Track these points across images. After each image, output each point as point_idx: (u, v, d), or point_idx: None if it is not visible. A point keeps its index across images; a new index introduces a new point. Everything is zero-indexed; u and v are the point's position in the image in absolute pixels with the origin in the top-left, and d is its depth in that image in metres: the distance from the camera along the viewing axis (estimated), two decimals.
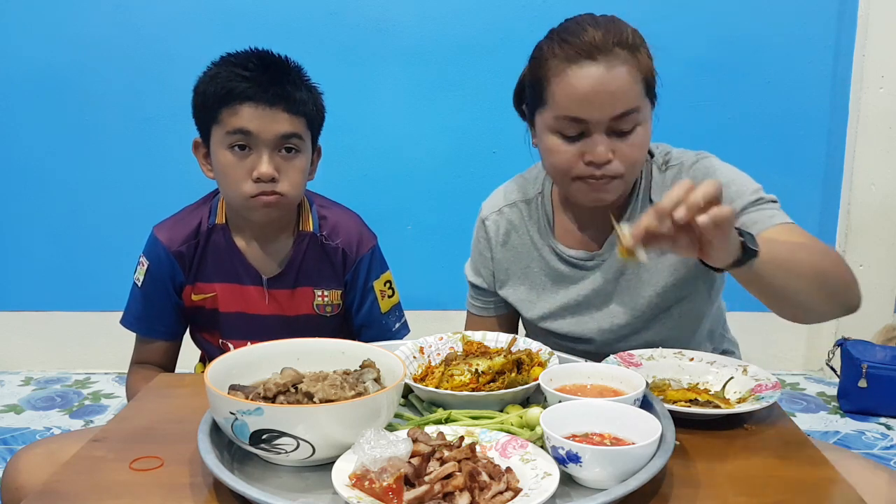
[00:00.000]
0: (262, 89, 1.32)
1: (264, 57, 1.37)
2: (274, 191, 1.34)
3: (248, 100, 1.32)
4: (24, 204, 2.71)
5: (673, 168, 1.30)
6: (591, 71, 1.15)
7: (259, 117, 1.32)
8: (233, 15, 2.56)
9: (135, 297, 1.49)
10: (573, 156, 1.19)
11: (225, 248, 1.45)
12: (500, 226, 1.40)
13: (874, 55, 2.54)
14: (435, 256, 2.71)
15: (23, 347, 2.83)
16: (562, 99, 1.17)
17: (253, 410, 0.84)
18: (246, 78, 1.32)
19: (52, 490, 0.89)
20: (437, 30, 2.59)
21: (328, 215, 1.51)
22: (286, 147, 1.35)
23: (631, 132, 1.18)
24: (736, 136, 2.62)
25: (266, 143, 1.33)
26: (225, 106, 1.33)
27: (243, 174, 1.33)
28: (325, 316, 1.50)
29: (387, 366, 1.00)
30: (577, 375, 1.06)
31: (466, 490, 0.79)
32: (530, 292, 1.39)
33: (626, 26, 1.19)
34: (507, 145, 2.65)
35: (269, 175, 1.32)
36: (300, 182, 1.39)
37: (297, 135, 1.36)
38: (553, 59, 1.18)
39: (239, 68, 1.34)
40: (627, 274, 1.32)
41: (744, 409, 1.04)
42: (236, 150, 1.34)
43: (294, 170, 1.36)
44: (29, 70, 2.62)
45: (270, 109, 1.32)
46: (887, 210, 2.63)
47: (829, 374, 2.62)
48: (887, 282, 2.68)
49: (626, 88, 1.16)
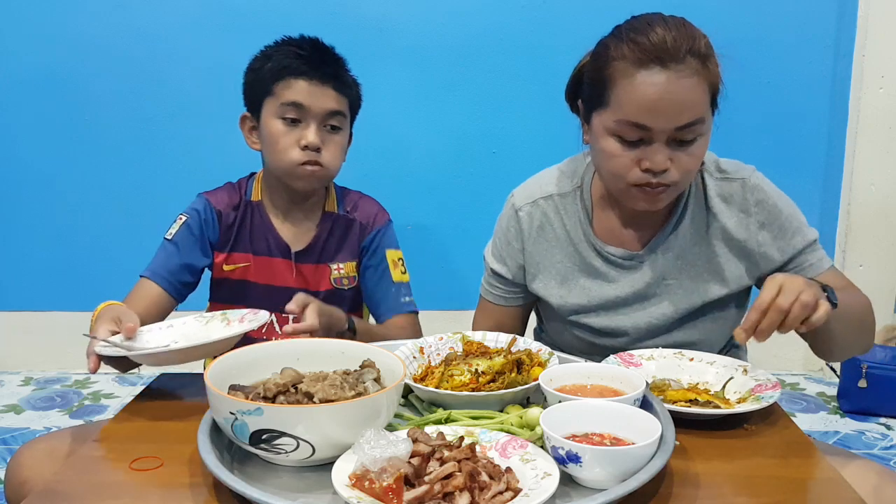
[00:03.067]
0: (315, 67, 1.46)
1: (316, 41, 1.52)
2: (317, 161, 1.47)
3: (303, 75, 1.45)
4: (23, 204, 2.71)
5: (734, 182, 1.28)
6: (661, 78, 1.11)
7: (311, 92, 1.46)
8: (233, 15, 2.56)
9: (159, 252, 1.53)
10: (630, 161, 1.17)
11: (259, 223, 1.56)
12: (534, 217, 1.36)
13: (874, 55, 2.54)
14: (435, 256, 2.71)
15: (23, 347, 2.83)
16: (627, 104, 1.14)
17: (253, 410, 0.84)
18: (301, 56, 1.46)
19: (52, 490, 0.89)
20: (437, 30, 2.59)
21: (349, 196, 1.65)
22: (331, 124, 1.49)
23: (692, 143, 1.16)
24: (736, 135, 2.61)
25: (315, 116, 1.46)
26: (280, 80, 1.46)
27: (292, 143, 1.46)
28: (343, 289, 1.60)
29: (387, 366, 1.00)
30: (577, 375, 1.06)
31: (466, 490, 0.79)
32: (561, 287, 1.36)
33: (698, 33, 1.16)
34: (507, 145, 2.66)
35: (316, 144, 1.46)
36: (339, 157, 1.53)
37: (341, 113, 1.50)
38: (621, 61, 1.14)
39: (295, 47, 1.48)
40: (669, 279, 1.31)
41: (744, 409, 1.04)
42: (287, 121, 1.46)
43: (335, 145, 1.50)
44: (28, 70, 2.62)
45: (321, 86, 1.46)
46: (887, 210, 2.63)
47: (829, 374, 2.62)
48: (887, 282, 2.68)
49: (694, 99, 1.13)
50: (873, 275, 2.64)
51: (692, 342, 1.32)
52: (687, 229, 1.30)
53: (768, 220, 1.26)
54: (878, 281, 2.65)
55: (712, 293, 1.30)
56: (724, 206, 1.28)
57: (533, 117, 2.63)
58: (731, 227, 1.28)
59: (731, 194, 1.28)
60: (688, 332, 1.33)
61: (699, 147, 1.17)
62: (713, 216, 1.29)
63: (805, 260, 1.27)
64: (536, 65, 2.59)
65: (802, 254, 1.27)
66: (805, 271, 1.26)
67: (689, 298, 1.31)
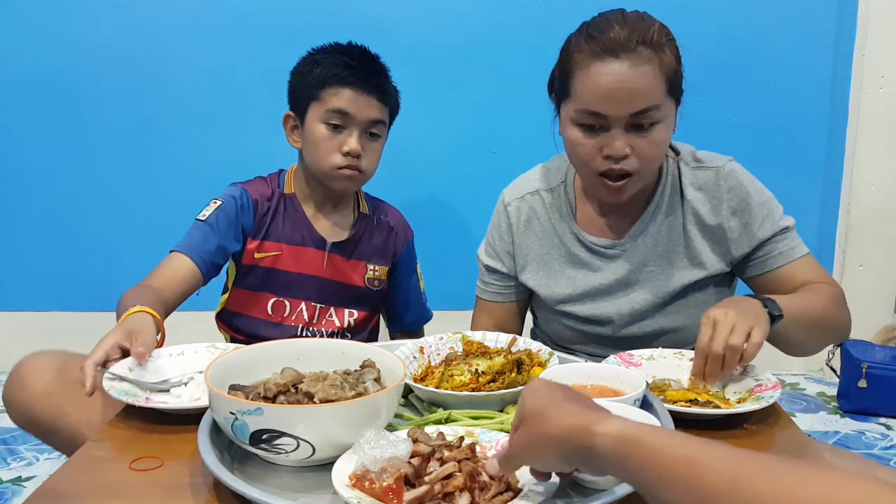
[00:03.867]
0: (362, 77, 1.53)
1: (364, 51, 1.59)
2: (357, 167, 1.54)
3: (350, 85, 1.52)
4: (23, 204, 2.71)
5: (708, 171, 1.34)
6: (614, 68, 1.19)
7: (356, 101, 1.52)
8: (233, 15, 2.56)
9: (192, 231, 1.54)
10: (593, 149, 1.23)
11: (293, 214, 1.63)
12: (521, 211, 1.43)
13: (874, 55, 2.54)
14: (435, 256, 2.70)
15: (23, 347, 2.82)
16: (584, 93, 1.21)
17: (253, 410, 0.84)
18: (350, 66, 1.53)
19: (52, 490, 0.89)
20: (437, 30, 2.59)
21: (377, 202, 1.75)
22: (372, 132, 1.56)
23: (650, 129, 1.22)
24: (736, 135, 2.62)
25: (358, 124, 1.53)
26: (327, 87, 1.52)
27: (334, 148, 1.53)
28: (373, 290, 1.69)
29: (387, 366, 1.01)
30: (577, 375, 1.06)
31: (466, 490, 0.79)
32: (549, 277, 1.42)
33: (653, 23, 1.22)
34: (507, 145, 2.65)
35: (357, 151, 1.53)
36: (376, 162, 1.61)
37: (382, 122, 1.58)
38: (579, 54, 1.23)
39: (345, 56, 1.54)
40: (650, 265, 1.36)
41: (744, 409, 1.04)
42: (331, 126, 1.53)
43: (373, 152, 1.58)
44: (28, 70, 2.61)
45: (366, 96, 1.53)
46: (887, 210, 2.63)
47: (829, 374, 2.62)
48: (887, 282, 2.68)
49: (646, 86, 1.19)
50: (873, 275, 2.64)
51: (676, 327, 1.37)
52: (663, 217, 1.35)
53: (739, 206, 1.32)
54: (878, 281, 2.65)
55: (690, 277, 1.35)
56: (699, 193, 1.34)
57: (533, 117, 2.61)
58: (704, 213, 1.33)
59: (705, 182, 1.34)
60: (671, 318, 1.37)
61: (658, 133, 1.22)
62: (688, 203, 1.34)
63: (774, 248, 1.32)
64: (536, 65, 2.56)
65: (771, 241, 1.31)
66: (774, 259, 1.32)
67: (668, 283, 1.35)
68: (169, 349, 1.22)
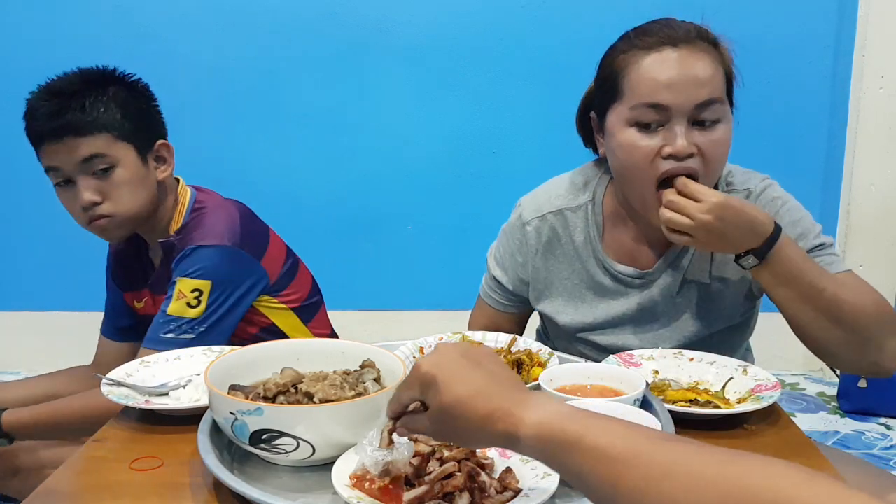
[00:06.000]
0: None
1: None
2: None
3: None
4: (24, 204, 2.71)
5: (739, 193, 1.23)
6: (673, 55, 1.10)
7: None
8: (233, 15, 2.56)
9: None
10: (651, 150, 1.11)
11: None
12: (542, 233, 1.31)
13: (874, 55, 2.54)
14: (435, 256, 2.71)
15: (23, 347, 2.83)
16: (641, 86, 1.11)
17: (253, 410, 0.84)
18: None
19: (53, 490, 0.89)
20: (437, 30, 2.59)
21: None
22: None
23: (713, 127, 1.11)
24: (736, 135, 2.60)
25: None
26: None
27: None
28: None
29: (387, 366, 1.00)
30: (577, 375, 1.06)
31: (466, 490, 0.79)
32: (567, 304, 1.32)
33: (706, 26, 1.15)
34: (507, 145, 2.66)
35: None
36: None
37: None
38: (631, 51, 1.13)
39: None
40: (678, 298, 1.27)
41: (744, 409, 1.04)
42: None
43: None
44: (27, 70, 2.61)
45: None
46: (887, 210, 2.63)
47: (829, 374, 2.62)
48: (887, 282, 2.68)
49: (710, 76, 1.10)
50: (873, 275, 2.62)
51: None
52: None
53: None
54: (878, 281, 2.61)
55: (717, 313, 1.26)
56: None
57: (533, 117, 2.63)
58: None
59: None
60: (696, 348, 1.27)
61: (722, 132, 1.13)
62: None
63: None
64: (536, 65, 2.59)
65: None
66: None
67: (695, 320, 1.27)
68: (165, 354, 1.23)
